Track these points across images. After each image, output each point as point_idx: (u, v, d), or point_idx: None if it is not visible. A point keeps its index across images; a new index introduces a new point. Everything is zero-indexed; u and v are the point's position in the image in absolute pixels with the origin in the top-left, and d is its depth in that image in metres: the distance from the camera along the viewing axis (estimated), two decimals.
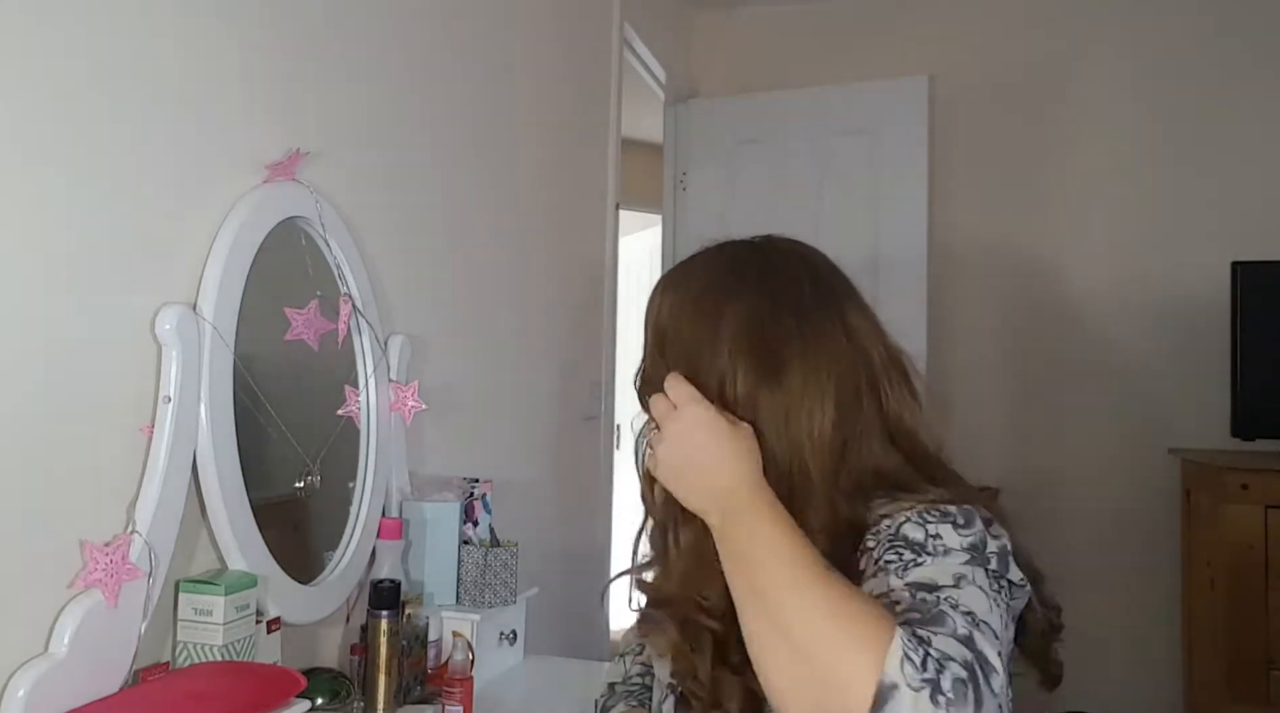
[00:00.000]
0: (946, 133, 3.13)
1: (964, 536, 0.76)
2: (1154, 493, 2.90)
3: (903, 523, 0.77)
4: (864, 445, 0.84)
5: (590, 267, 2.52)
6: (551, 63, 2.22)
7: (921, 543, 0.75)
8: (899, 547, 0.76)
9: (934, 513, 0.77)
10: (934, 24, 3.25)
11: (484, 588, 1.48)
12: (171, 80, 1.08)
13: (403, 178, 1.58)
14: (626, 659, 1.11)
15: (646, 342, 0.93)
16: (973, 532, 0.77)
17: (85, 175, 0.97)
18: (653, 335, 0.92)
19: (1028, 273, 3.09)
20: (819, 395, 0.82)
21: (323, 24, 1.36)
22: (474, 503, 1.54)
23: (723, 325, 0.86)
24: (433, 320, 1.67)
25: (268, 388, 1.20)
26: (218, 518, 1.09)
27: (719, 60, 3.51)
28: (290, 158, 1.23)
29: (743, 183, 3.26)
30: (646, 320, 0.94)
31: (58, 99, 0.94)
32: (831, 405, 0.82)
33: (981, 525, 0.78)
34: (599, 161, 2.56)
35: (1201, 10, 2.99)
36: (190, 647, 1.04)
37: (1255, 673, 2.39)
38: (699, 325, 0.88)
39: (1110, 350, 2.99)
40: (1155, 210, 3.01)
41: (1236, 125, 2.95)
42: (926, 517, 0.77)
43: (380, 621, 1.24)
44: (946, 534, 0.76)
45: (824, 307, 0.88)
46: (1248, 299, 2.66)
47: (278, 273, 1.23)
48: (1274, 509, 2.41)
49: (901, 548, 0.76)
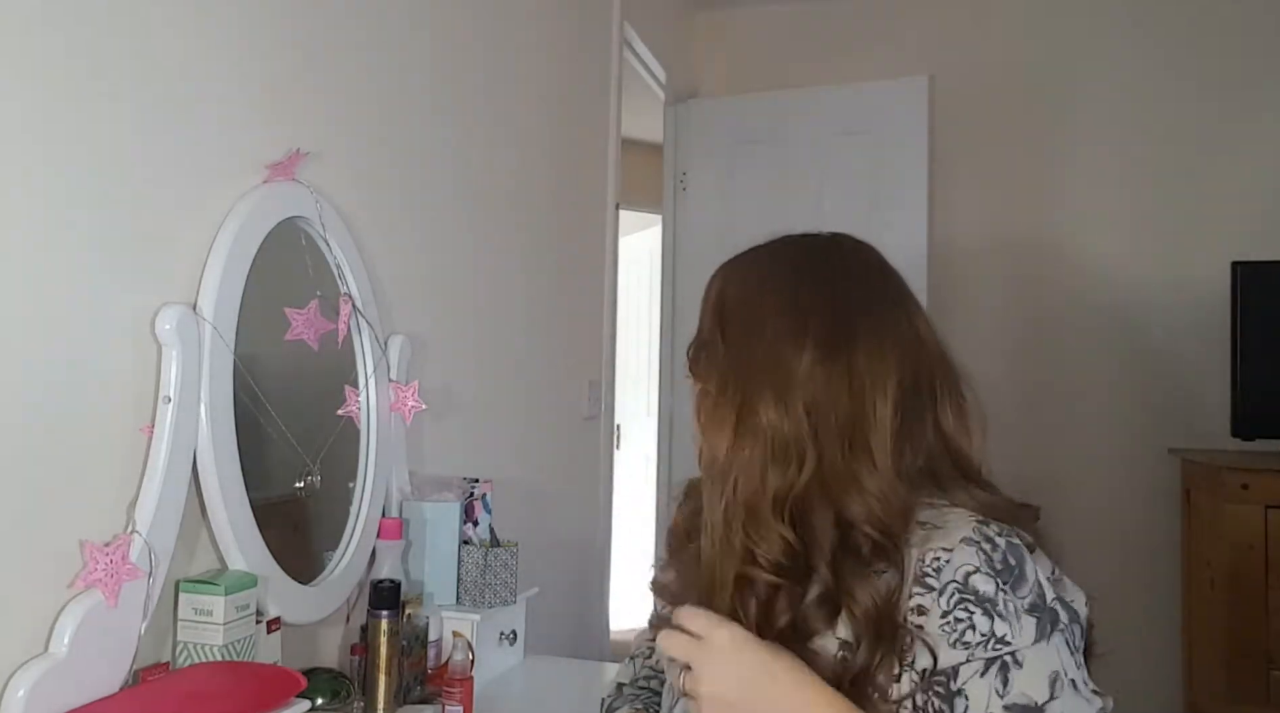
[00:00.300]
0: (946, 133, 3.13)
1: (1022, 597, 0.75)
2: (1154, 493, 2.90)
3: (971, 573, 0.75)
4: (918, 436, 0.83)
5: (590, 267, 2.52)
6: (551, 63, 2.22)
7: (992, 599, 0.74)
8: (968, 602, 0.75)
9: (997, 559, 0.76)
10: (934, 24, 3.25)
11: (484, 588, 1.48)
12: (171, 80, 1.08)
13: (403, 178, 1.58)
14: (636, 662, 1.11)
15: (703, 323, 0.92)
16: (1029, 588, 0.75)
17: (85, 175, 0.97)
18: (711, 314, 0.91)
19: (1027, 273, 3.09)
20: (884, 375, 0.82)
21: (323, 24, 1.36)
22: (474, 503, 1.54)
23: (788, 302, 0.86)
24: (433, 320, 1.67)
25: (268, 388, 1.19)
26: (218, 518, 1.09)
27: (719, 60, 3.51)
28: (290, 158, 1.23)
29: (743, 183, 3.26)
30: (705, 300, 0.93)
31: (58, 99, 0.94)
32: (894, 387, 0.81)
33: (1033, 571, 0.76)
34: (599, 161, 2.56)
35: (1201, 10, 2.99)
36: (190, 647, 1.04)
37: (1255, 673, 2.39)
38: (763, 303, 0.87)
39: (1110, 350, 2.99)
40: (1155, 210, 3.01)
41: (1236, 125, 2.95)
42: (993, 565, 0.75)
43: (380, 621, 1.24)
44: (1012, 600, 0.74)
45: (892, 298, 0.88)
46: (1248, 299, 2.66)
47: (278, 273, 1.23)
48: (1274, 509, 2.41)
49: (972, 604, 0.74)
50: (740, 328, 0.87)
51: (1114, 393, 2.98)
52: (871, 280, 0.89)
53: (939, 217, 3.08)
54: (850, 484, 0.79)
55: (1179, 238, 2.97)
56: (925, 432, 0.84)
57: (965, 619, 0.74)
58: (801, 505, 0.80)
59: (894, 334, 0.85)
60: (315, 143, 1.31)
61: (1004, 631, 0.73)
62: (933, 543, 0.78)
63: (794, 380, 0.82)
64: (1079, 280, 3.04)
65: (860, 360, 0.82)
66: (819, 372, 0.82)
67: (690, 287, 3.36)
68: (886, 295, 0.88)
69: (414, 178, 1.62)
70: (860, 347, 0.83)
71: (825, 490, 0.80)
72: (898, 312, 0.87)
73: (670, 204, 3.41)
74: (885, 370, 0.82)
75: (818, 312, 0.84)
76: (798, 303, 0.86)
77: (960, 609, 0.75)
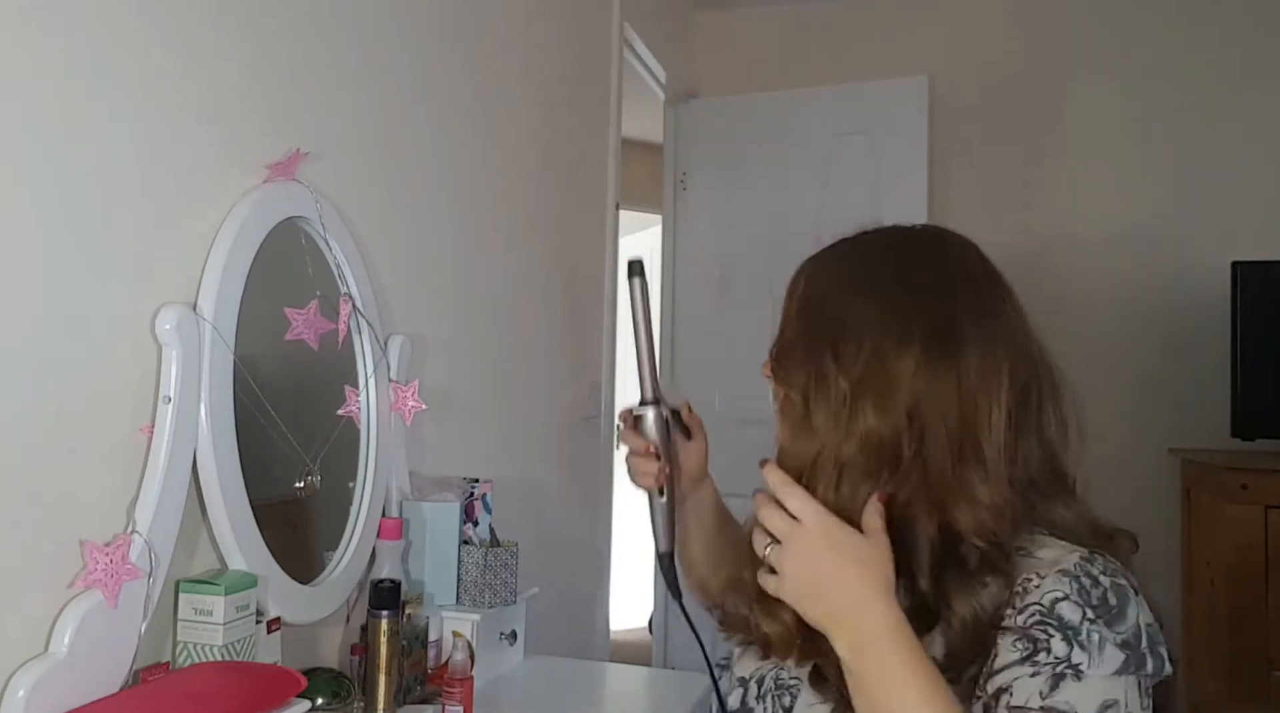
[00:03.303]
0: (946, 133, 3.13)
1: (1118, 632, 0.71)
2: (1154, 493, 2.90)
3: (1059, 599, 0.72)
4: (1026, 444, 0.79)
5: (590, 267, 2.52)
6: (552, 63, 2.22)
7: (1076, 628, 0.71)
8: (1049, 625, 0.72)
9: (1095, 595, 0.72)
10: (934, 24, 3.25)
11: (484, 588, 1.48)
12: (171, 80, 1.08)
13: (403, 178, 1.58)
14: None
15: (787, 324, 0.87)
16: (1127, 627, 0.72)
17: (85, 175, 0.97)
18: (799, 312, 0.86)
19: (1027, 273, 3.06)
20: (996, 378, 0.77)
21: (323, 24, 1.36)
22: (474, 503, 1.54)
23: (887, 301, 0.80)
24: (433, 320, 1.67)
25: (268, 388, 1.19)
26: (218, 518, 1.09)
27: (719, 60, 3.51)
28: (290, 158, 1.23)
29: (743, 183, 3.26)
30: (789, 298, 0.88)
31: (58, 99, 0.94)
32: (1006, 391, 0.77)
33: (1135, 613, 0.72)
34: (599, 161, 2.56)
35: (1201, 10, 2.99)
36: (190, 647, 1.04)
37: (1255, 673, 2.39)
38: (858, 301, 0.82)
39: (1110, 351, 2.99)
40: (1155, 210, 3.01)
41: (1236, 125, 2.95)
42: (1088, 598, 0.72)
43: (380, 621, 1.24)
44: (1101, 631, 0.71)
45: (1000, 296, 0.83)
46: (1248, 299, 2.66)
47: (278, 273, 1.23)
48: (1274, 509, 2.41)
49: (1053, 628, 0.71)
50: (833, 329, 0.81)
51: (1114, 393, 2.97)
52: (976, 278, 0.83)
53: (939, 216, 3.08)
54: (960, 494, 0.76)
55: (1179, 238, 2.97)
56: (1031, 439, 0.79)
57: (1043, 640, 0.71)
58: (903, 513, 0.77)
59: (1004, 333, 0.80)
60: (315, 143, 1.31)
61: (1081, 659, 0.70)
62: (1026, 569, 0.75)
63: (897, 385, 0.77)
64: (1078, 280, 3.04)
65: (971, 362, 0.77)
66: (924, 374, 0.77)
67: (690, 287, 3.37)
68: (995, 293, 0.83)
69: (414, 178, 1.62)
70: (970, 348, 0.78)
71: (930, 500, 0.76)
72: (1007, 309, 0.82)
73: (670, 204, 3.41)
74: (998, 373, 0.77)
75: (923, 311, 0.79)
76: (898, 301, 0.80)
77: (1038, 629, 0.72)
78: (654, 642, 3.39)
